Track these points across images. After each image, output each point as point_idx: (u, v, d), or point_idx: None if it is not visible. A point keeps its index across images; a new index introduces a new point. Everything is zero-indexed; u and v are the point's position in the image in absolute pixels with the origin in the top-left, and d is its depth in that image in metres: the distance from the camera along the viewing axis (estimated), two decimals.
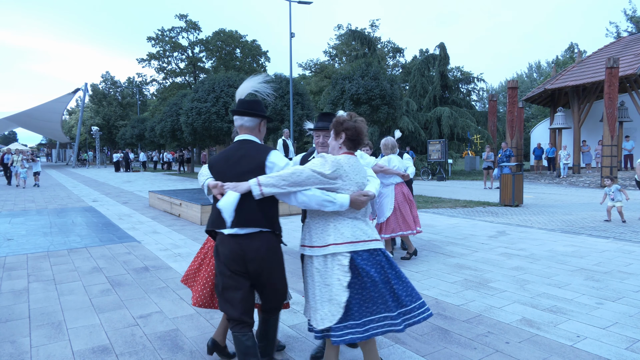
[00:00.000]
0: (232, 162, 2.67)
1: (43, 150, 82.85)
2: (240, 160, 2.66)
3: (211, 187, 2.65)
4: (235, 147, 2.72)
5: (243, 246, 2.55)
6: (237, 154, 2.69)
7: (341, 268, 2.52)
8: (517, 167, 12.40)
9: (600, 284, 4.77)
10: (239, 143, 2.74)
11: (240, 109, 2.75)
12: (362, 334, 2.51)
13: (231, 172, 2.64)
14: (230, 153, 2.71)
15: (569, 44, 48.78)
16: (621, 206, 8.82)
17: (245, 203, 2.54)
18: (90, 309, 4.18)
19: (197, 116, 25.99)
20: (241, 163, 2.65)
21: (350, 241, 2.57)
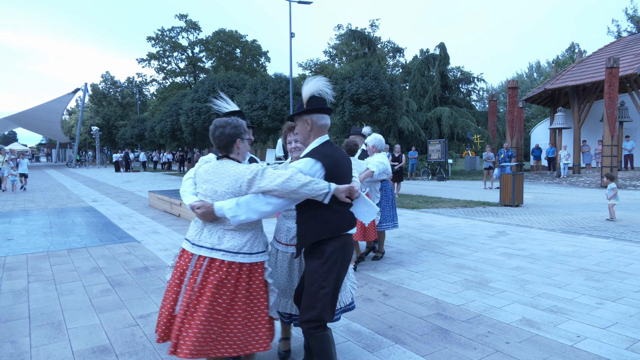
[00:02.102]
0: (345, 163, 2.69)
1: (43, 150, 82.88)
2: (347, 160, 2.73)
3: (342, 192, 2.50)
4: (334, 148, 2.67)
5: (352, 240, 2.71)
6: (342, 154, 2.71)
7: None
8: (517, 167, 12.38)
9: (600, 284, 4.77)
10: (331, 143, 2.69)
11: (328, 107, 2.67)
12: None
13: (347, 173, 2.69)
14: (337, 153, 2.66)
15: (570, 44, 48.83)
16: (613, 204, 8.95)
17: None
18: (90, 309, 4.18)
19: (197, 116, 26.00)
20: (348, 163, 2.75)
21: None
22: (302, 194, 2.39)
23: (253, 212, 2.41)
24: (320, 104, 2.61)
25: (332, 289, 2.52)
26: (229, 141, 2.54)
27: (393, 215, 5.99)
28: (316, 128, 2.61)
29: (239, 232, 2.53)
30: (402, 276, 5.15)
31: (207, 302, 2.42)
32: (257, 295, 2.56)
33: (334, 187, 2.45)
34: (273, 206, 2.42)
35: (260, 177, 2.40)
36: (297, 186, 2.36)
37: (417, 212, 10.43)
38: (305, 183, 2.37)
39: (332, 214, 2.53)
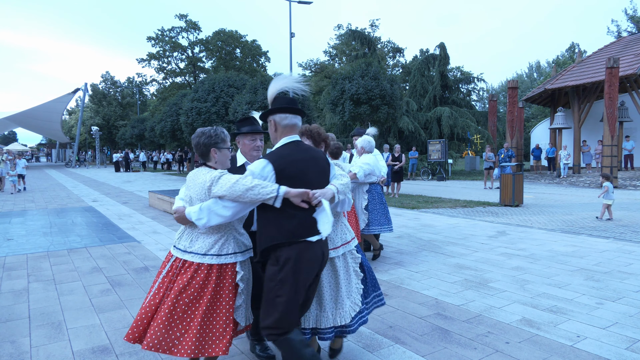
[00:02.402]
0: (309, 165, 2.52)
1: (43, 150, 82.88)
2: (315, 162, 2.55)
3: (293, 196, 2.38)
4: (299, 148, 2.55)
5: (324, 249, 2.57)
6: (307, 156, 2.54)
7: (355, 260, 2.90)
8: (517, 167, 12.38)
9: (600, 284, 4.77)
10: (297, 144, 2.56)
11: (296, 107, 2.58)
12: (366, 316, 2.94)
13: (312, 176, 2.51)
14: (298, 155, 2.52)
15: (570, 44, 48.81)
16: (610, 204, 9.02)
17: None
18: (90, 309, 4.18)
19: (197, 116, 26.00)
20: (317, 165, 2.55)
21: (354, 236, 3.00)
22: (248, 198, 2.36)
23: (214, 216, 2.46)
24: (282, 104, 2.58)
25: (290, 297, 2.42)
26: (205, 150, 2.63)
27: (383, 218, 5.73)
28: (281, 128, 2.59)
29: (209, 234, 2.59)
30: (402, 276, 5.15)
31: (171, 300, 2.50)
32: (225, 297, 2.57)
33: (283, 191, 2.37)
34: (231, 209, 2.45)
35: (215, 184, 2.46)
36: (243, 190, 2.36)
37: (417, 212, 10.43)
38: (251, 187, 2.35)
39: (286, 218, 2.43)
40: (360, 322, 2.86)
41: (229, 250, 2.61)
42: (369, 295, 3.03)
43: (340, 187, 2.59)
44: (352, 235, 2.96)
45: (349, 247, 2.89)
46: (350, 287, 2.83)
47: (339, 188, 2.58)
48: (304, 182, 2.46)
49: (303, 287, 2.47)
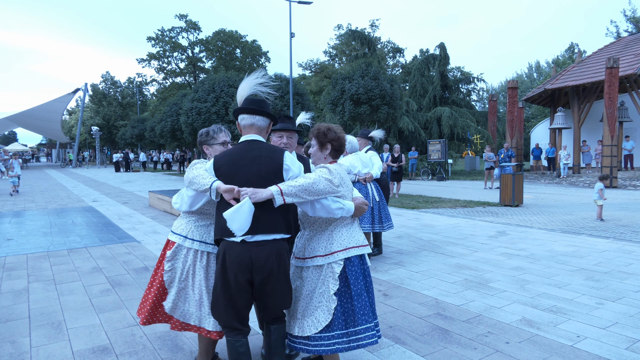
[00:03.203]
0: (244, 163, 2.50)
1: (43, 150, 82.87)
2: (254, 161, 2.51)
3: (223, 191, 2.42)
4: (245, 147, 2.56)
5: (252, 253, 2.41)
6: (250, 155, 2.52)
7: (332, 275, 2.58)
8: (517, 167, 12.38)
9: (600, 284, 4.77)
10: (248, 143, 2.58)
11: (254, 107, 2.62)
12: (347, 344, 2.56)
13: (244, 174, 2.47)
14: (240, 154, 2.53)
15: (569, 44, 48.81)
16: (600, 205, 9.07)
17: (265, 209, 2.42)
18: (90, 309, 4.18)
19: (197, 116, 26.00)
20: (256, 164, 2.50)
21: (348, 247, 2.65)
22: (193, 185, 2.58)
23: (182, 201, 2.80)
24: (242, 104, 2.69)
25: (219, 293, 2.49)
26: (200, 149, 3.01)
27: (361, 219, 5.59)
28: (242, 128, 2.68)
29: (184, 215, 2.94)
30: (402, 276, 5.15)
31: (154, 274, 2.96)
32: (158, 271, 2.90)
33: (215, 185, 2.45)
34: (190, 198, 2.75)
35: (187, 171, 2.72)
36: (191, 177, 2.60)
37: (417, 212, 10.43)
38: (195, 176, 2.57)
39: (219, 216, 2.48)
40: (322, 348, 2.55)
41: (188, 235, 2.83)
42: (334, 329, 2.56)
43: (286, 188, 2.42)
44: (343, 246, 2.63)
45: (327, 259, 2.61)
46: (312, 302, 2.62)
47: (284, 189, 2.41)
48: (236, 181, 2.47)
49: (229, 284, 2.44)
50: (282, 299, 2.56)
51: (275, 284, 2.48)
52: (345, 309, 2.60)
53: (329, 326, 2.56)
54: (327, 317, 2.55)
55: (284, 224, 2.50)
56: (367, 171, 5.69)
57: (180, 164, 33.91)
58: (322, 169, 2.64)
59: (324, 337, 2.56)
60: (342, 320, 2.58)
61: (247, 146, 2.57)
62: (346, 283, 2.61)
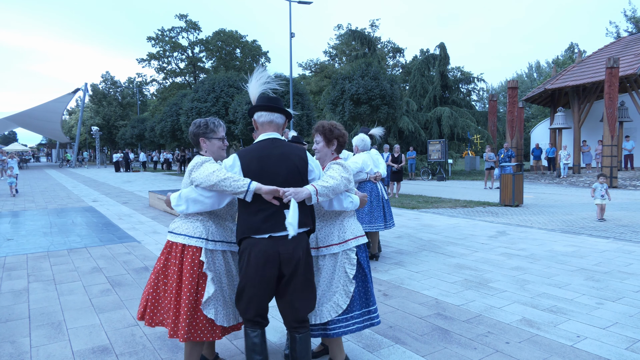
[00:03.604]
0: (273, 162, 2.51)
1: (43, 150, 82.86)
2: (282, 159, 2.52)
3: (264, 192, 2.41)
4: (269, 145, 2.56)
5: (279, 247, 2.46)
6: (276, 153, 2.53)
7: (349, 261, 2.80)
8: (517, 167, 12.38)
9: (600, 284, 4.77)
10: (271, 141, 2.57)
11: (272, 104, 2.62)
12: (362, 324, 2.83)
13: (274, 172, 2.49)
14: (265, 152, 2.53)
15: (569, 44, 48.79)
16: (600, 204, 9.08)
17: (302, 204, 2.53)
18: (90, 309, 4.18)
19: (197, 116, 25.99)
20: (285, 162, 2.52)
21: (357, 236, 2.90)
22: (222, 188, 2.44)
23: (191, 203, 2.59)
24: (259, 102, 2.67)
25: (241, 286, 2.52)
26: (194, 139, 2.80)
27: (373, 217, 5.66)
28: (259, 125, 2.68)
29: (189, 217, 2.72)
30: (402, 276, 5.15)
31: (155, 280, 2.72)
32: (185, 280, 2.59)
33: (253, 187, 2.41)
34: (206, 198, 2.56)
35: (195, 170, 2.56)
36: (217, 180, 2.44)
37: (417, 212, 10.43)
38: (224, 178, 2.43)
39: (251, 214, 2.48)
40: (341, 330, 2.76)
41: (202, 235, 2.64)
42: (353, 309, 2.80)
43: (320, 189, 2.51)
44: (354, 235, 2.85)
45: (343, 247, 2.80)
46: (331, 287, 2.78)
47: (319, 190, 2.51)
48: (268, 179, 2.48)
49: (256, 280, 2.46)
50: (308, 294, 2.59)
51: (302, 276, 2.54)
52: (361, 291, 2.86)
53: (348, 308, 2.78)
54: (345, 300, 2.74)
55: (310, 218, 2.63)
56: (377, 170, 5.77)
57: (181, 164, 33.91)
58: (338, 166, 2.76)
59: (342, 320, 2.78)
60: (359, 301, 2.84)
61: (271, 144, 2.58)
62: (360, 267, 2.85)
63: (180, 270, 2.63)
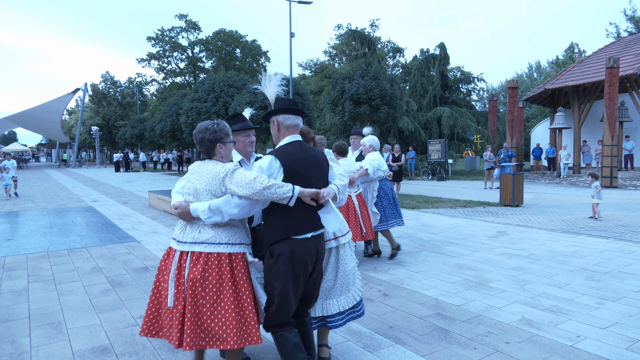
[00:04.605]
0: (311, 164, 2.63)
1: (43, 150, 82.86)
2: (316, 161, 2.66)
3: (307, 196, 2.48)
4: (302, 148, 2.66)
5: (318, 245, 2.62)
6: (310, 155, 2.65)
7: (352, 251, 3.02)
8: (517, 167, 12.38)
9: (600, 284, 4.77)
10: (300, 144, 2.68)
11: (298, 108, 2.70)
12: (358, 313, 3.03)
13: (315, 174, 2.63)
14: (302, 154, 2.62)
15: (569, 44, 48.78)
16: (597, 203, 9.15)
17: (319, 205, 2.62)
18: (90, 309, 4.18)
19: (197, 116, 26.00)
20: (319, 164, 2.67)
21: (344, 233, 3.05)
22: (265, 196, 2.40)
23: (224, 215, 2.48)
24: (284, 105, 2.69)
25: (285, 288, 2.50)
26: (210, 146, 2.60)
27: (395, 213, 5.99)
28: (283, 128, 2.69)
29: (218, 226, 2.58)
30: (402, 276, 5.15)
31: (193, 295, 2.46)
32: (242, 288, 2.53)
33: (297, 191, 2.44)
34: (240, 209, 2.48)
35: (229, 177, 2.47)
36: (260, 188, 2.38)
37: (417, 212, 10.43)
38: (268, 186, 2.38)
39: (287, 216, 2.51)
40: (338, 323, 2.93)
41: (239, 241, 2.61)
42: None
43: (341, 188, 2.73)
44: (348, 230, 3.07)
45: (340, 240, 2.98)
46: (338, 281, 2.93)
47: (340, 188, 2.72)
48: (307, 181, 2.55)
49: (298, 279, 2.55)
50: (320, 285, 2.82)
51: (321, 270, 2.74)
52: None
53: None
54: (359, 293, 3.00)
55: None
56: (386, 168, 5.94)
57: (180, 164, 33.91)
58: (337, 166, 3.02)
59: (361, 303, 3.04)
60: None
61: (301, 146, 2.68)
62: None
63: (233, 279, 2.52)
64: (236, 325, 2.46)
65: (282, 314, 2.57)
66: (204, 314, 2.47)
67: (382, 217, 5.82)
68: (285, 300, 2.54)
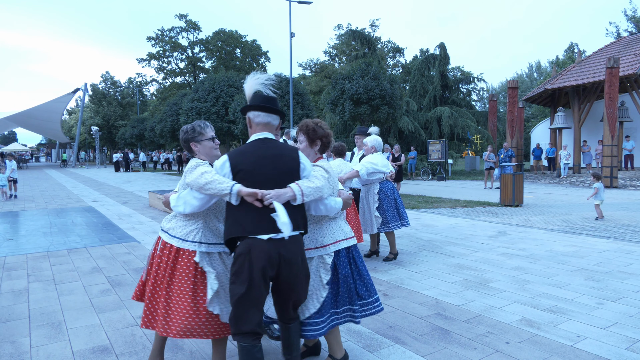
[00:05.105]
0: (266, 162, 2.50)
1: (43, 150, 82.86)
2: (275, 160, 2.51)
3: (244, 195, 2.40)
4: (262, 146, 2.55)
5: (280, 249, 2.43)
6: (270, 153, 2.52)
7: (324, 266, 2.75)
8: (517, 167, 12.38)
9: (600, 284, 4.77)
10: (263, 142, 2.57)
11: (270, 105, 2.60)
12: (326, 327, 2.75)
13: (266, 173, 2.48)
14: (259, 152, 2.52)
15: (569, 44, 48.78)
16: (599, 203, 9.14)
17: (288, 207, 2.45)
18: (90, 309, 4.18)
19: (197, 116, 26.01)
20: (278, 163, 2.51)
21: (338, 240, 2.82)
22: (207, 191, 2.48)
23: (187, 205, 2.63)
24: (257, 102, 2.63)
25: (242, 291, 2.40)
26: (186, 145, 2.84)
27: (398, 215, 5.81)
28: (254, 125, 2.64)
29: (183, 218, 2.76)
30: (402, 276, 5.15)
31: (152, 278, 2.78)
32: (178, 282, 2.67)
33: (236, 189, 2.40)
34: (199, 200, 2.60)
35: (189, 172, 2.61)
36: (203, 183, 2.47)
37: (417, 212, 10.43)
38: (210, 181, 2.46)
39: (241, 215, 2.46)
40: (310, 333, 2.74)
41: (195, 239, 2.69)
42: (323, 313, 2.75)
43: (305, 189, 2.49)
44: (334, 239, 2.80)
45: (319, 252, 2.76)
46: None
47: (304, 190, 2.48)
48: (252, 180, 2.46)
49: (254, 283, 2.40)
50: (303, 292, 2.64)
51: (299, 277, 2.55)
52: (334, 293, 2.80)
53: (319, 312, 2.72)
54: (316, 305, 2.71)
55: (302, 220, 2.58)
56: (390, 170, 5.88)
57: (180, 164, 33.92)
58: (319, 168, 2.71)
59: (312, 323, 2.72)
60: (331, 304, 2.79)
61: (263, 144, 2.57)
62: (335, 272, 2.80)
63: (172, 270, 2.70)
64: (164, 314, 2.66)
65: (240, 322, 2.44)
66: (159, 296, 2.72)
67: (383, 220, 5.73)
68: (241, 306, 2.43)
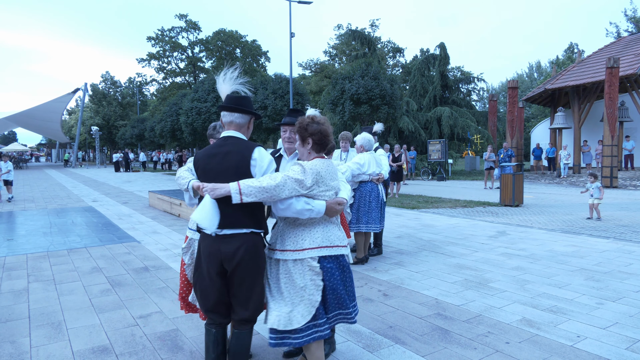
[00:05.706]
0: (217, 159, 2.57)
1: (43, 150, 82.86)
2: (226, 157, 2.56)
3: (195, 188, 2.58)
4: (220, 143, 2.63)
5: (222, 246, 2.50)
6: (223, 150, 2.59)
7: (313, 269, 2.56)
8: (518, 167, 12.38)
9: (600, 284, 4.77)
10: (224, 139, 2.65)
11: (231, 105, 2.66)
12: (323, 332, 2.61)
13: (217, 169, 2.55)
14: (214, 149, 2.61)
15: (569, 44, 48.77)
16: (598, 203, 9.15)
17: (230, 204, 2.44)
18: (90, 309, 4.18)
19: (197, 116, 26.02)
20: (227, 160, 2.55)
21: (321, 246, 2.60)
22: (180, 187, 2.74)
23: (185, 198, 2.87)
24: (224, 102, 2.74)
25: (196, 281, 2.71)
26: (209, 140, 3.29)
27: (371, 218, 5.61)
28: (224, 124, 2.74)
29: None
30: (402, 276, 5.15)
31: None
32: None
33: (190, 185, 2.63)
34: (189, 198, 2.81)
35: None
36: (176, 179, 2.79)
37: (417, 212, 10.43)
38: (177, 177, 2.77)
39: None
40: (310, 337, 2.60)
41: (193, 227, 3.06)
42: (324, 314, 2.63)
43: (245, 188, 2.40)
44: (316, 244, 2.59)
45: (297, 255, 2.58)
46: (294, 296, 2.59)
47: (243, 189, 2.40)
48: (209, 176, 2.58)
49: (204, 273, 2.62)
50: (247, 298, 2.57)
51: (244, 273, 2.53)
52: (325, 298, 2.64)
53: (314, 317, 2.59)
54: (311, 310, 2.55)
55: (250, 219, 2.54)
56: (380, 171, 5.77)
57: (180, 164, 33.93)
58: (295, 167, 2.55)
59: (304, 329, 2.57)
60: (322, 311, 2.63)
61: (222, 142, 2.66)
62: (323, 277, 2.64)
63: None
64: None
65: (200, 302, 2.70)
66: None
67: (352, 219, 5.60)
68: (197, 290, 2.70)
